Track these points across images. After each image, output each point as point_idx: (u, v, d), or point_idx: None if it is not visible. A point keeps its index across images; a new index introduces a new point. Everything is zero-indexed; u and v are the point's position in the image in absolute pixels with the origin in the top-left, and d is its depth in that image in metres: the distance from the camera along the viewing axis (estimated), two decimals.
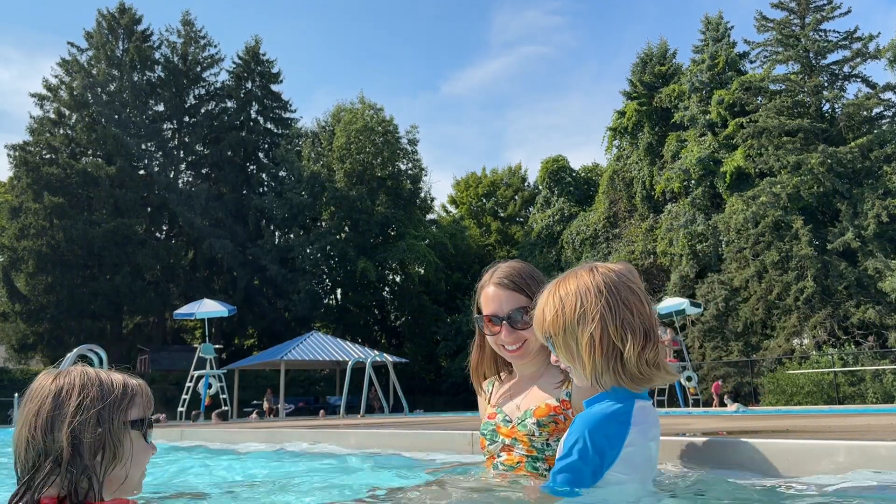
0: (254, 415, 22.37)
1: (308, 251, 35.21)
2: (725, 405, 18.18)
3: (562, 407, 1.80)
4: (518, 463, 1.83)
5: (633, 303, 1.29)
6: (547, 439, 1.79)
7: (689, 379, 17.38)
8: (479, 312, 1.96)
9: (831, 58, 26.60)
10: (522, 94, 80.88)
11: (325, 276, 37.76)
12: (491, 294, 1.89)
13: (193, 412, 16.56)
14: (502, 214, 45.85)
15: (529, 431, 1.81)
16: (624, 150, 31.96)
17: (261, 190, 39.08)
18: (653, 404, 1.39)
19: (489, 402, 2.02)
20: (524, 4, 71.76)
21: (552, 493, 1.23)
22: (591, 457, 1.21)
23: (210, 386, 17.57)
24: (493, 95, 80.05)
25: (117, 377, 1.39)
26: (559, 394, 1.83)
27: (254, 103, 40.04)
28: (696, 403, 18.00)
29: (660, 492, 1.69)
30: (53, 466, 1.22)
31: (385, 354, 20.28)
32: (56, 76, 35.20)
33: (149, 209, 35.99)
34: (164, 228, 38.09)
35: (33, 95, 34.63)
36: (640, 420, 1.27)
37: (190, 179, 38.91)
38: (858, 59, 25.85)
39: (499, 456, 1.89)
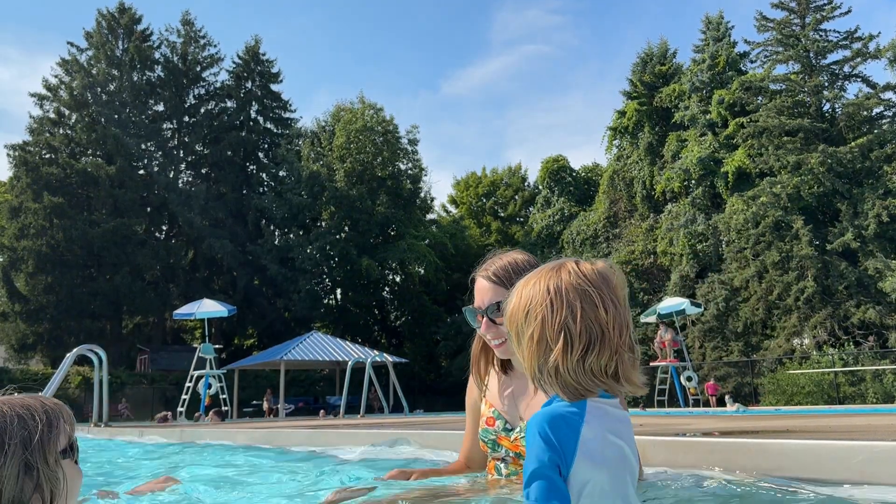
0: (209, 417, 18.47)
1: (308, 251, 35.21)
2: (725, 405, 18.18)
3: None
4: (521, 469, 1.81)
5: (582, 306, 1.22)
6: None
7: (689, 379, 17.38)
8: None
9: (831, 58, 26.60)
10: (523, 93, 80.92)
11: (324, 276, 37.76)
12: (477, 286, 1.87)
13: (196, 414, 16.45)
14: (502, 214, 45.85)
15: None
16: (624, 149, 31.95)
17: (260, 190, 39.08)
18: (653, 405, 1.34)
19: (484, 398, 1.96)
20: (525, 3, 71.81)
21: None
22: (550, 456, 1.16)
23: (210, 386, 17.57)
24: (494, 95, 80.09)
25: (34, 405, 1.17)
26: None
27: (253, 103, 40.05)
28: (697, 403, 17.99)
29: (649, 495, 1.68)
30: None
31: (385, 354, 20.28)
32: (56, 76, 35.22)
33: (148, 209, 35.99)
34: (164, 228, 38.09)
35: (33, 95, 34.66)
36: (596, 415, 1.21)
37: (190, 179, 38.92)
38: (858, 59, 25.84)
39: (504, 461, 1.85)
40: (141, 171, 36.09)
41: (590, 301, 1.22)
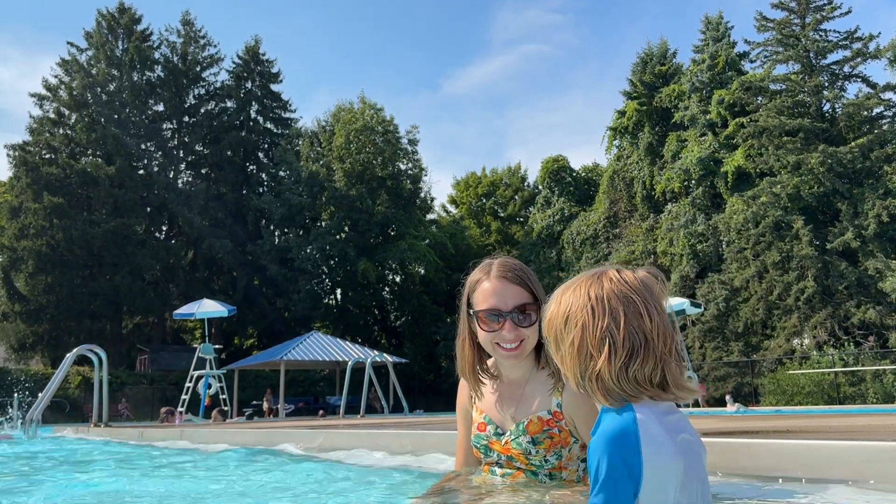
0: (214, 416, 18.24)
1: (308, 251, 35.21)
2: (725, 405, 18.18)
3: (554, 419, 1.75)
4: (515, 471, 1.80)
5: (625, 314, 1.21)
6: (545, 455, 1.74)
7: (689, 379, 17.35)
8: (470, 307, 1.83)
9: (831, 58, 26.60)
10: (523, 93, 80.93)
11: (324, 276, 37.75)
12: (492, 288, 1.77)
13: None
14: (502, 214, 45.86)
15: (525, 450, 1.76)
16: (624, 150, 31.96)
17: (260, 190, 39.08)
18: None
19: (475, 404, 1.92)
20: (525, 3, 71.79)
21: None
22: (623, 484, 1.14)
23: (210, 386, 17.56)
24: (494, 94, 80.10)
25: None
26: (550, 404, 1.77)
27: (253, 103, 40.05)
28: (696, 404, 17.98)
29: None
30: None
31: (385, 354, 20.28)
32: (56, 76, 35.22)
33: (148, 209, 35.98)
34: (164, 228, 38.09)
35: (33, 95, 34.65)
36: (647, 416, 1.19)
37: (189, 179, 38.92)
38: (858, 59, 25.84)
39: (499, 464, 1.84)
40: (141, 171, 36.09)
41: (633, 309, 1.22)
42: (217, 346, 21.56)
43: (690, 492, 1.20)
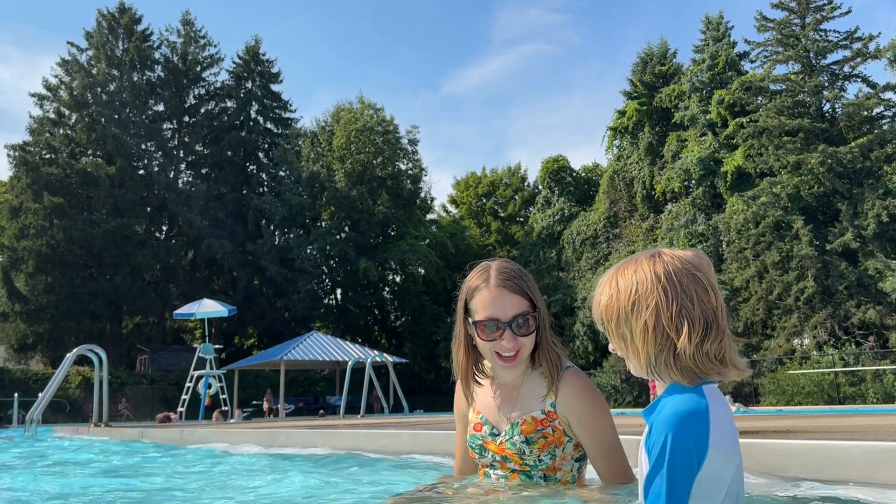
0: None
1: (308, 251, 35.22)
2: None
3: (548, 419, 1.76)
4: (511, 472, 1.80)
5: (696, 291, 1.22)
6: (538, 455, 1.75)
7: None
8: (467, 313, 1.83)
9: (831, 58, 26.58)
10: (524, 92, 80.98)
11: (325, 276, 37.76)
12: (491, 297, 1.75)
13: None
14: (502, 214, 45.87)
15: (519, 450, 1.76)
16: (624, 149, 31.95)
17: (260, 190, 39.10)
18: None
19: (472, 406, 1.92)
20: (526, 2, 71.75)
21: None
22: (686, 465, 1.13)
23: (210, 386, 17.57)
24: (495, 94, 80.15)
25: None
26: (544, 404, 1.78)
27: (253, 103, 40.07)
28: None
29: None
30: None
31: (385, 354, 20.28)
32: (56, 76, 35.24)
33: (149, 209, 35.99)
34: (164, 228, 38.11)
35: (33, 95, 34.68)
36: (716, 401, 1.20)
37: (190, 179, 38.93)
38: (858, 59, 25.82)
39: (492, 465, 1.84)
40: (141, 172, 36.10)
41: (700, 286, 1.23)
42: (217, 346, 21.56)
43: (740, 481, 1.21)
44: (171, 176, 37.08)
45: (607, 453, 1.75)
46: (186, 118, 38.71)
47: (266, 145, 40.24)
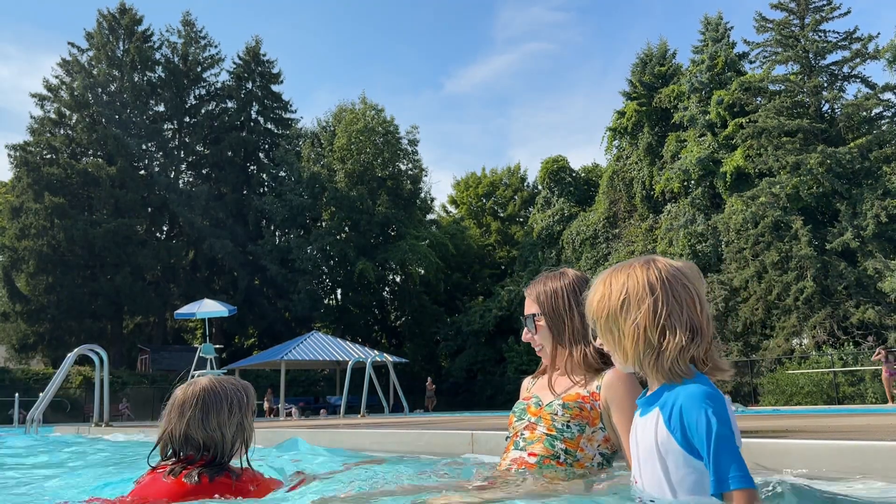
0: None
1: (308, 251, 35.23)
2: None
3: (590, 397, 1.92)
4: (538, 438, 1.92)
5: (685, 299, 1.30)
6: (568, 421, 1.90)
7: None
8: None
9: (831, 58, 26.60)
10: (525, 92, 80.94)
11: (325, 277, 37.78)
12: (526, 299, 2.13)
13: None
14: (502, 214, 45.86)
15: (554, 411, 1.93)
16: (624, 150, 31.96)
17: (261, 190, 39.11)
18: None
19: (527, 391, 2.15)
20: (528, 0, 71.61)
21: (748, 486, 1.20)
22: (734, 430, 1.25)
23: None
24: (497, 93, 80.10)
25: (239, 382, 1.97)
26: (591, 387, 1.95)
27: (254, 103, 40.07)
28: None
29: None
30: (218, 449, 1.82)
31: (385, 354, 20.31)
32: (56, 76, 35.25)
33: (149, 209, 36.00)
34: (165, 228, 38.12)
35: (34, 95, 34.68)
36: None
37: (190, 180, 38.94)
38: (858, 60, 25.84)
39: (522, 434, 1.98)
40: (142, 172, 36.11)
41: (689, 295, 1.31)
42: (218, 346, 21.56)
43: None
44: (172, 176, 37.09)
45: None
46: (187, 119, 38.73)
47: (266, 146, 40.25)
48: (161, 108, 38.04)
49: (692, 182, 27.69)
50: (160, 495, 1.73)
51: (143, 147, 36.21)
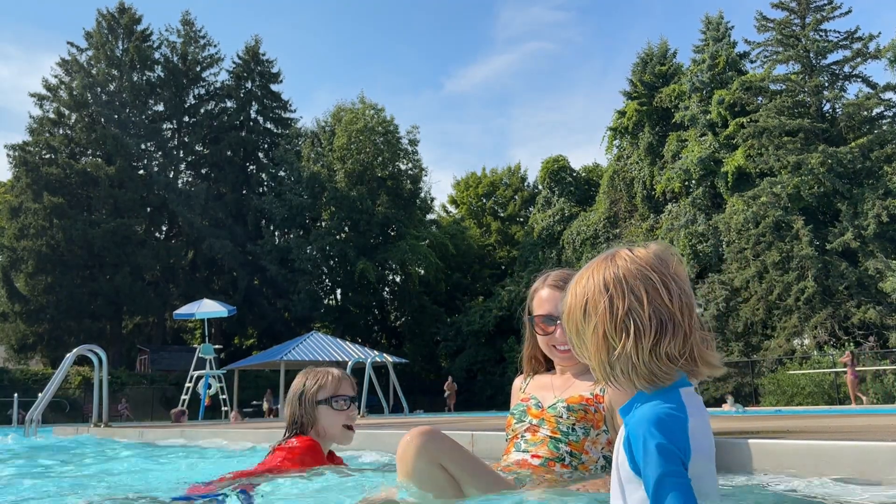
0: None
1: (308, 251, 35.22)
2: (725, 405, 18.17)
3: (594, 400, 1.90)
4: (541, 441, 1.89)
5: (646, 291, 1.15)
6: (574, 424, 1.87)
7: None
8: (531, 314, 2.06)
9: (831, 58, 26.60)
10: (526, 91, 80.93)
11: (324, 277, 37.77)
12: (546, 296, 2.01)
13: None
14: (502, 214, 45.85)
15: (558, 413, 1.90)
16: (624, 150, 31.96)
17: (260, 190, 39.10)
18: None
19: (522, 392, 2.09)
20: (529, 0, 71.55)
21: None
22: (674, 464, 1.08)
23: (210, 386, 17.57)
24: (497, 93, 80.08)
25: (329, 371, 2.38)
26: (594, 389, 1.93)
27: (253, 103, 40.08)
28: None
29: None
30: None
31: (385, 354, 20.29)
32: (56, 76, 35.24)
33: (148, 209, 36.00)
34: (164, 228, 38.11)
35: (33, 95, 34.67)
36: (693, 406, 1.15)
37: (190, 179, 38.94)
38: (859, 59, 25.84)
39: (523, 436, 1.95)
40: (141, 172, 36.10)
41: (652, 285, 1.17)
42: (217, 347, 21.56)
43: (715, 486, 1.19)
44: (171, 176, 37.08)
45: None
46: (186, 118, 38.72)
47: (266, 145, 40.25)
48: (160, 107, 38.04)
49: (693, 182, 27.67)
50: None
51: (143, 147, 36.21)
